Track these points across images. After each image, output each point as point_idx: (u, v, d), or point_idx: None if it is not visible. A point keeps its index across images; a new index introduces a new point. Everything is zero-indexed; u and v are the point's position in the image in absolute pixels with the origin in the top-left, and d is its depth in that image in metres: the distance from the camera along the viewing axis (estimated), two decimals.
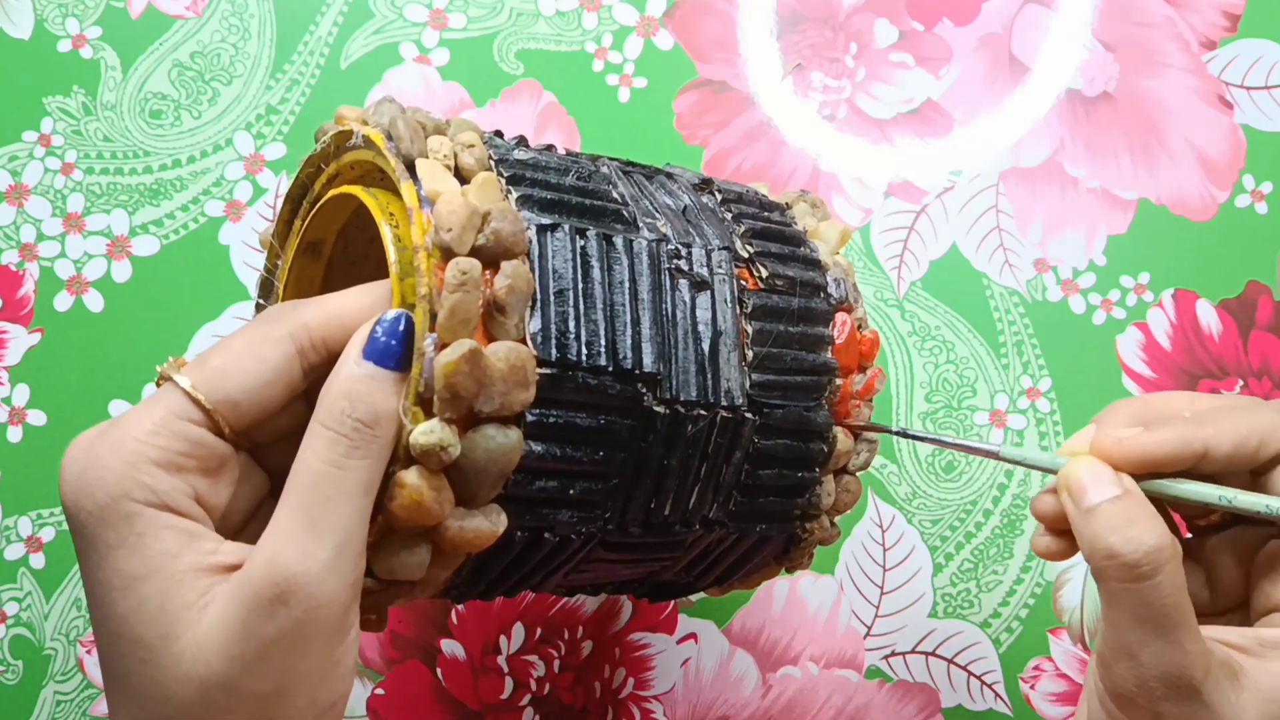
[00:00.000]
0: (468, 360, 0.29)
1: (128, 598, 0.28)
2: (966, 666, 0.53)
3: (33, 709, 0.52)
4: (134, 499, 0.29)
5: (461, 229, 0.30)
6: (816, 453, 0.38)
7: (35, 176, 0.55)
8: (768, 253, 0.38)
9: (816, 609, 0.53)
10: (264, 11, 0.57)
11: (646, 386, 0.33)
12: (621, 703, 0.52)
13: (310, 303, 0.32)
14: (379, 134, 0.33)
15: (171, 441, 0.29)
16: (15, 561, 0.53)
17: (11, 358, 0.54)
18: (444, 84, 0.57)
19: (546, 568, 0.35)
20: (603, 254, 0.33)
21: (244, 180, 0.55)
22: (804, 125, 0.57)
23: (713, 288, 0.36)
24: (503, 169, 0.34)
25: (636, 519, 0.35)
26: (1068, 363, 0.55)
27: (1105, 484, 0.33)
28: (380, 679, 0.52)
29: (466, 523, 0.31)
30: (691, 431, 0.34)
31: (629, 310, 0.33)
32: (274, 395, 0.31)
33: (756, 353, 0.36)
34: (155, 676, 0.28)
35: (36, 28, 0.56)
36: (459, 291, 0.30)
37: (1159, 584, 0.31)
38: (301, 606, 0.28)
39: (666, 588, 0.41)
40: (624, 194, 0.36)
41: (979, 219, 0.56)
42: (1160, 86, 0.57)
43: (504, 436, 0.30)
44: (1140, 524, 0.32)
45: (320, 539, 0.28)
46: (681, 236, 0.36)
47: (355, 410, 0.29)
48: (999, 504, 0.54)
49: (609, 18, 0.57)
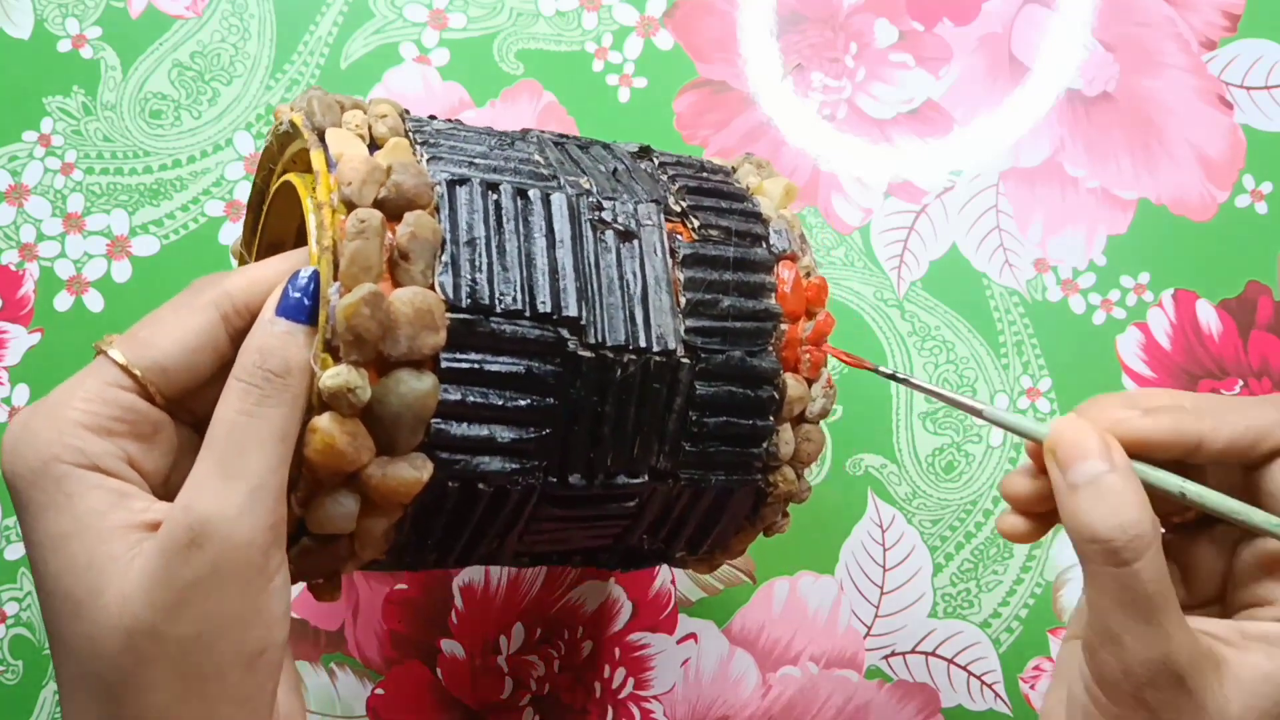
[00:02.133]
0: (367, 302, 0.30)
1: (58, 556, 0.29)
2: (966, 666, 0.53)
3: (33, 709, 0.52)
4: (64, 461, 0.29)
5: (362, 182, 0.31)
6: (766, 400, 0.37)
7: (35, 176, 0.55)
8: (702, 206, 0.38)
9: (816, 609, 0.53)
10: (264, 11, 0.57)
11: (570, 331, 0.33)
12: (621, 703, 0.52)
13: (234, 272, 0.34)
14: (299, 116, 0.34)
15: (102, 407, 0.31)
16: (15, 561, 0.53)
17: (11, 358, 0.54)
18: (444, 84, 0.57)
19: (492, 526, 0.35)
20: (517, 206, 0.34)
21: (244, 180, 0.55)
22: (804, 125, 0.57)
23: (640, 238, 0.36)
24: (417, 137, 0.35)
25: (577, 468, 0.35)
26: (1068, 363, 0.55)
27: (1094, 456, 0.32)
28: (380, 679, 0.52)
29: (390, 470, 0.31)
30: (621, 376, 0.34)
31: (546, 257, 0.34)
32: (201, 361, 0.32)
33: (690, 299, 0.36)
34: (85, 631, 0.29)
35: (36, 28, 0.56)
36: (358, 239, 0.31)
37: (1142, 568, 0.31)
38: (216, 548, 0.29)
39: (637, 554, 0.40)
40: (549, 158, 0.37)
41: (979, 219, 0.56)
42: (1160, 86, 0.57)
43: (418, 381, 0.31)
44: (1126, 506, 0.31)
45: (233, 483, 0.29)
46: (606, 192, 0.36)
47: (267, 362, 0.30)
48: (999, 504, 0.54)
49: (609, 18, 0.57)
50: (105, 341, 0.32)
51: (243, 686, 0.30)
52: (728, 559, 0.42)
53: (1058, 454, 0.33)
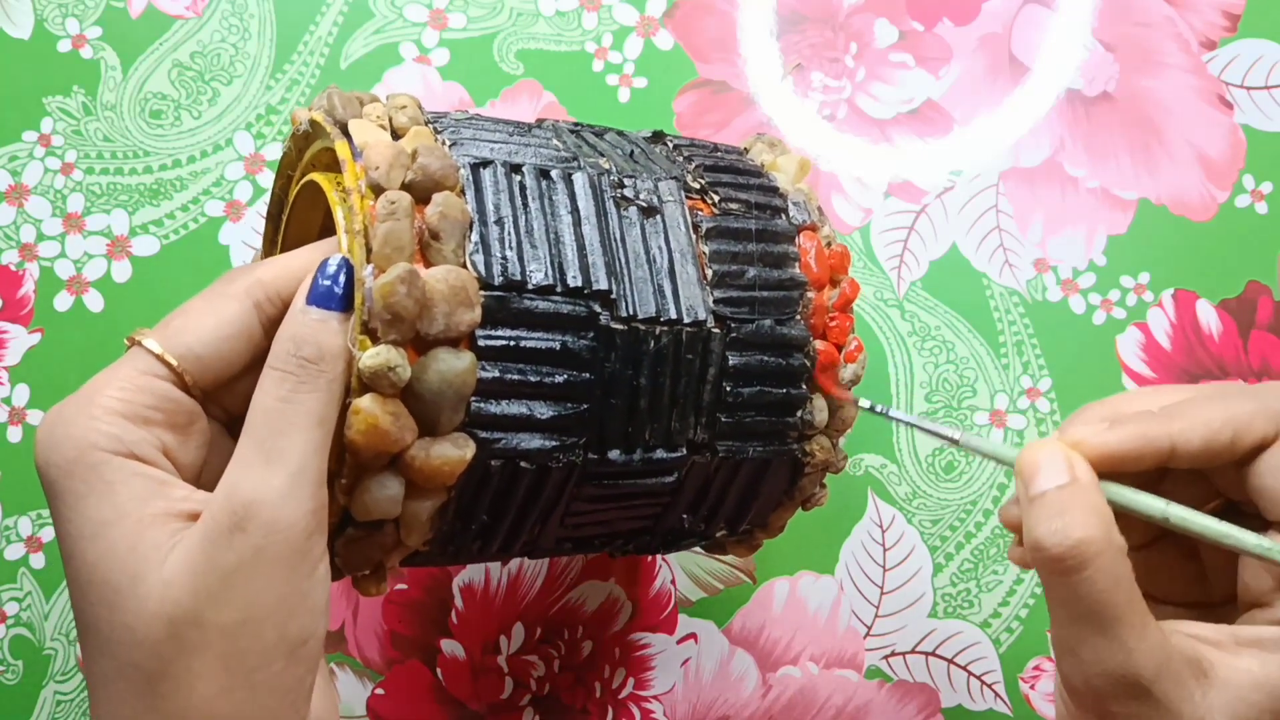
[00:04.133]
0: (403, 281, 0.30)
1: (97, 544, 0.29)
2: (966, 666, 0.53)
3: (33, 709, 0.52)
4: (101, 448, 0.29)
5: (389, 166, 0.32)
6: (799, 367, 0.38)
7: (35, 176, 0.55)
8: (721, 183, 0.38)
9: (816, 609, 0.53)
10: (264, 11, 0.57)
11: (601, 305, 0.34)
12: (621, 703, 0.52)
13: (265, 261, 0.33)
14: (319, 114, 0.35)
15: (137, 395, 0.30)
16: (15, 561, 0.53)
17: (11, 358, 0.54)
18: (444, 84, 0.57)
19: (535, 507, 0.35)
20: (540, 186, 0.34)
21: (244, 180, 0.55)
22: (804, 125, 0.57)
23: (662, 213, 0.36)
24: (438, 125, 0.35)
25: (616, 443, 0.35)
26: (1068, 363, 0.55)
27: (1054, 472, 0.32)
28: (380, 679, 0.52)
29: (434, 450, 0.31)
30: (654, 348, 0.35)
31: (572, 233, 0.34)
32: (236, 349, 0.32)
33: (716, 271, 0.36)
34: (124, 620, 0.28)
35: (36, 28, 0.56)
36: (389, 220, 0.31)
37: (1087, 579, 0.30)
38: (260, 532, 0.28)
39: (677, 533, 0.40)
40: (567, 143, 0.37)
41: (979, 219, 0.56)
42: (1160, 86, 0.57)
43: (455, 359, 0.31)
44: (1070, 515, 0.30)
45: (273, 467, 0.29)
46: (626, 171, 0.36)
47: (301, 349, 0.30)
48: (999, 504, 0.54)
49: (609, 18, 0.57)
50: (139, 333, 0.32)
51: (284, 676, 0.30)
52: (768, 537, 0.42)
53: (1021, 475, 0.32)
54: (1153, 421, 0.32)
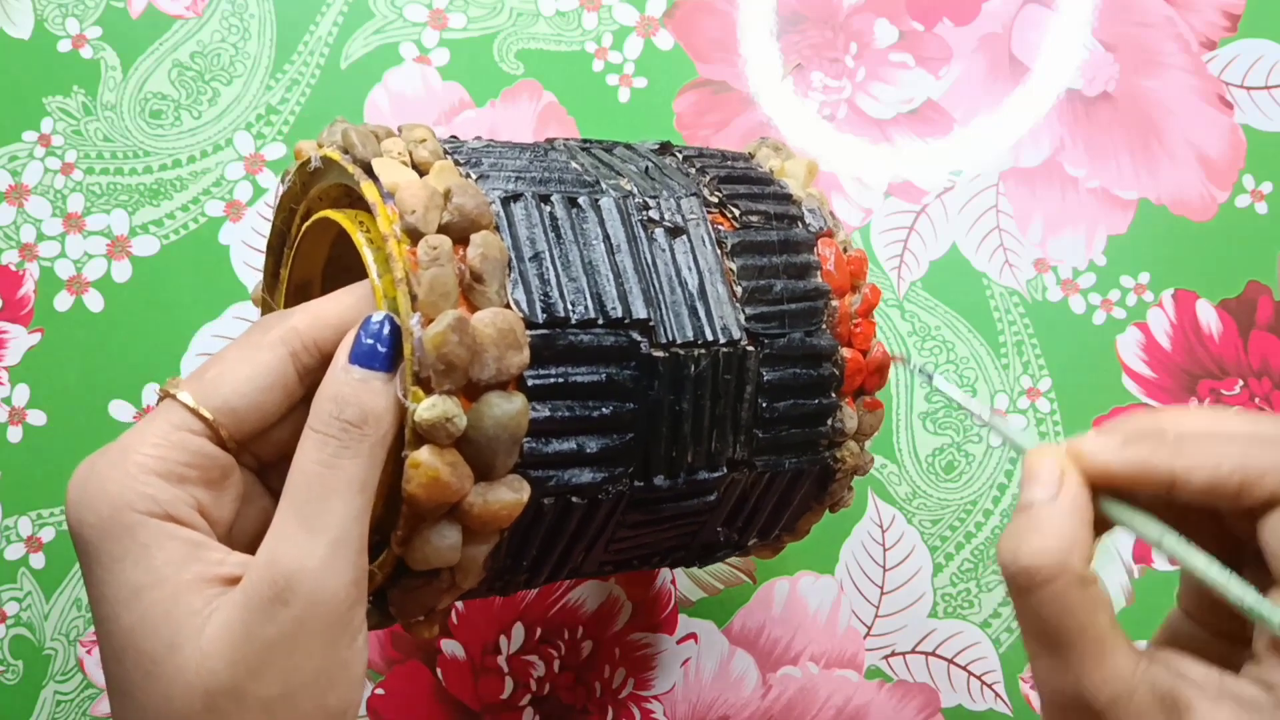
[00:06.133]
0: (454, 329, 0.30)
1: (132, 610, 0.28)
2: (966, 666, 0.53)
3: (33, 709, 0.52)
4: (137, 509, 0.28)
5: (425, 209, 0.31)
6: (829, 377, 0.38)
7: (35, 176, 0.55)
8: (737, 195, 0.38)
9: (816, 609, 0.53)
10: (264, 11, 0.57)
11: (640, 333, 0.34)
12: (621, 703, 0.52)
13: (299, 309, 0.33)
14: (335, 151, 0.34)
15: (172, 452, 0.30)
16: (15, 561, 0.53)
17: (11, 358, 0.54)
18: (444, 84, 0.57)
19: (584, 537, 0.35)
20: (570, 216, 0.34)
21: (244, 180, 0.55)
22: (804, 125, 0.57)
23: (688, 232, 0.36)
24: (458, 157, 0.35)
25: (660, 469, 0.35)
26: (1068, 363, 0.55)
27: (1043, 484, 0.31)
28: (380, 679, 0.52)
29: (490, 495, 0.31)
30: (695, 372, 0.35)
31: (607, 263, 0.34)
32: (271, 400, 0.31)
33: (745, 287, 0.36)
34: (160, 689, 0.28)
35: (36, 28, 0.56)
36: (433, 266, 0.30)
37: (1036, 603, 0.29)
38: (301, 604, 0.28)
39: (713, 547, 0.40)
40: (583, 164, 0.37)
41: (979, 219, 0.56)
42: (1160, 86, 0.57)
43: (509, 402, 0.31)
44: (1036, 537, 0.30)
45: (314, 536, 0.29)
46: (648, 191, 0.36)
47: (343, 412, 0.30)
48: (999, 504, 0.54)
49: (609, 18, 0.57)
50: (171, 384, 0.31)
51: None
52: (794, 540, 0.43)
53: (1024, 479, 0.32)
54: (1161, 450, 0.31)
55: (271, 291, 0.40)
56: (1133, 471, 0.31)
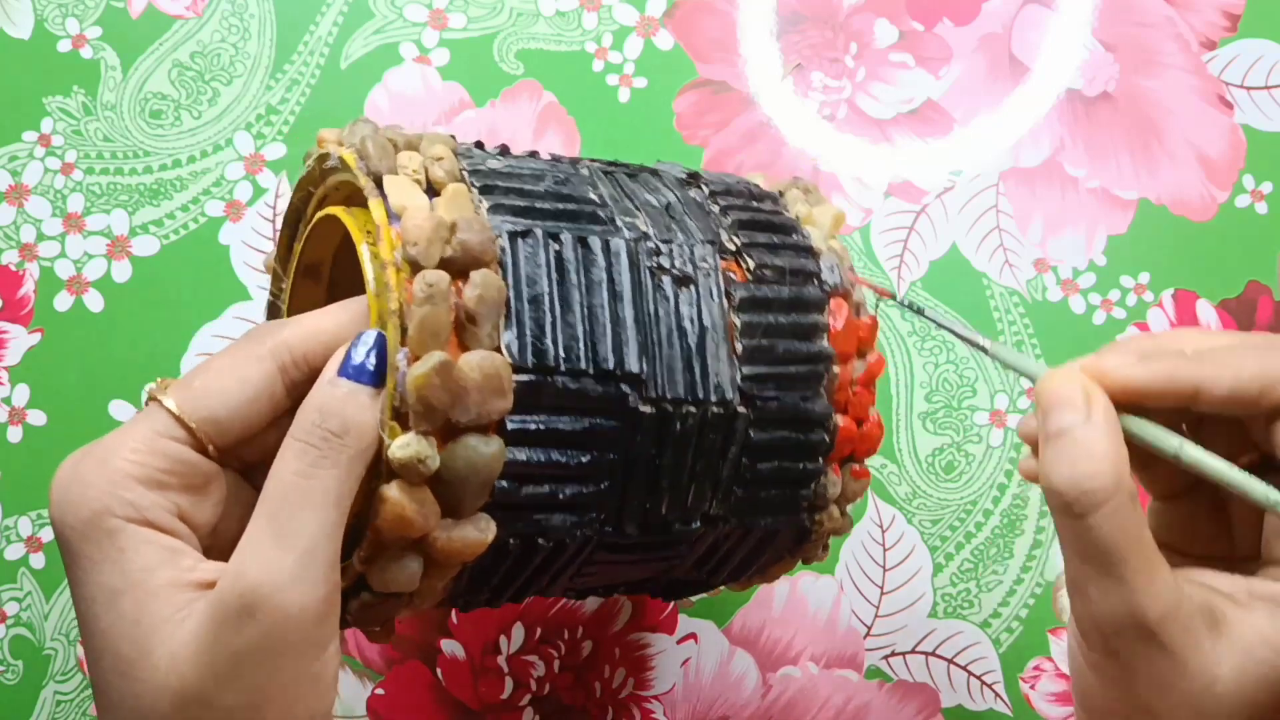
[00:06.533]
0: (438, 373, 0.30)
1: (109, 612, 0.29)
2: (966, 666, 0.53)
3: (33, 709, 0.52)
4: (116, 515, 0.29)
5: (428, 242, 0.31)
6: (818, 443, 0.37)
7: (35, 176, 0.55)
8: (755, 243, 0.37)
9: (816, 609, 0.53)
10: (264, 11, 0.57)
11: (630, 386, 0.33)
12: (621, 703, 0.52)
13: (290, 321, 0.33)
14: (351, 154, 0.34)
15: (155, 459, 0.30)
16: (15, 561, 0.53)
17: (11, 358, 0.54)
18: (444, 84, 0.57)
19: (547, 572, 0.35)
20: (578, 257, 0.33)
21: (244, 180, 0.55)
22: (804, 125, 0.57)
23: (696, 283, 0.35)
24: (474, 179, 0.34)
25: (633, 519, 0.35)
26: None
27: (1073, 407, 0.31)
28: (380, 679, 0.52)
29: (455, 533, 0.31)
30: (680, 429, 0.34)
31: (608, 311, 0.33)
32: (257, 412, 0.31)
33: (746, 345, 0.35)
34: (133, 690, 0.28)
35: (36, 28, 0.56)
36: (426, 305, 0.30)
37: (1095, 523, 0.30)
38: (268, 619, 0.28)
39: (681, 585, 0.41)
40: (603, 194, 0.36)
41: (979, 219, 0.56)
42: (1160, 86, 0.57)
43: (485, 445, 0.31)
44: (1086, 461, 0.30)
45: (285, 551, 0.29)
46: (663, 234, 0.35)
47: (326, 422, 0.30)
48: (999, 504, 0.54)
49: (609, 18, 0.57)
50: (159, 387, 0.31)
51: None
52: (764, 582, 0.43)
53: (1040, 402, 0.32)
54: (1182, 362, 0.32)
55: (284, 264, 0.40)
56: (1159, 384, 0.32)
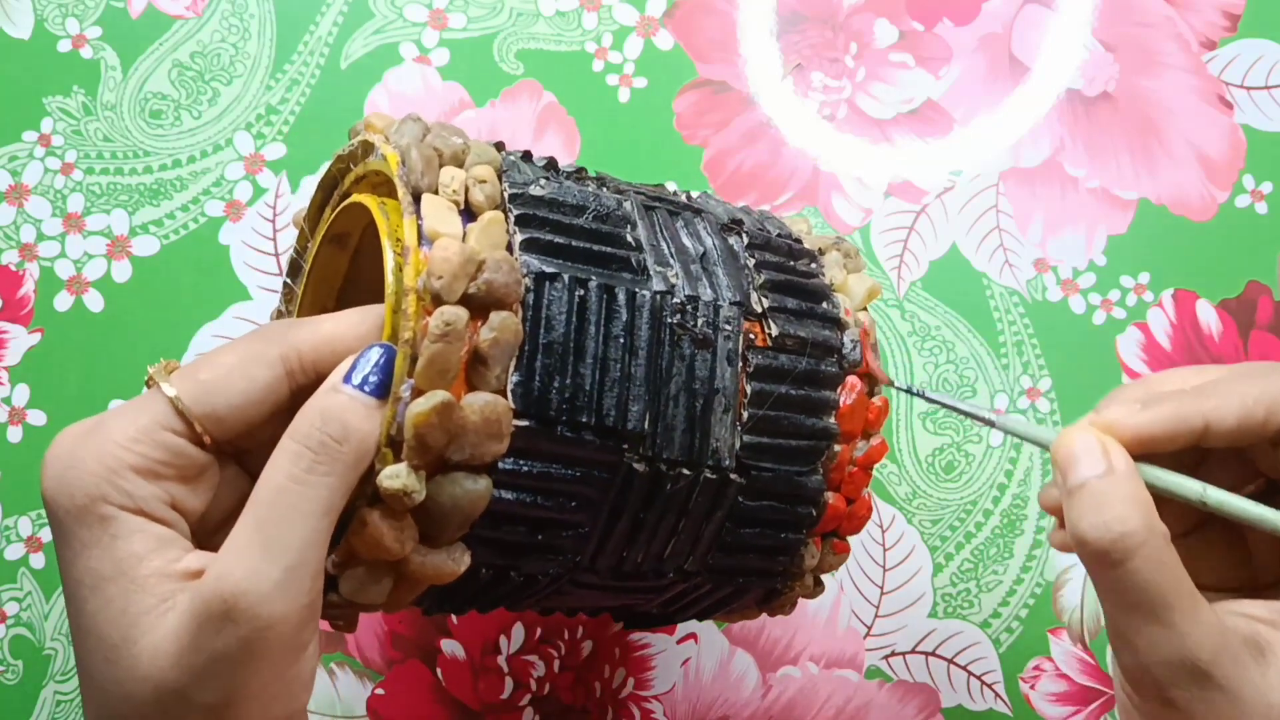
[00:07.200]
0: (438, 413, 0.29)
1: (96, 597, 0.29)
2: (966, 666, 0.53)
3: (33, 709, 0.52)
4: (111, 502, 0.29)
5: (453, 277, 0.30)
6: (804, 516, 0.37)
7: (35, 176, 0.55)
8: (783, 308, 0.37)
9: (816, 609, 0.53)
10: (264, 11, 0.57)
11: (629, 444, 0.33)
12: (621, 703, 0.52)
13: (304, 324, 0.33)
14: (395, 157, 0.33)
15: (152, 449, 0.30)
16: (15, 561, 0.53)
17: (11, 358, 0.54)
18: (444, 84, 0.57)
19: (515, 599, 0.36)
20: (602, 306, 0.33)
21: (244, 180, 0.55)
22: (804, 125, 0.57)
23: (715, 345, 0.35)
24: (514, 205, 0.33)
25: (607, 563, 0.35)
26: (1068, 363, 0.55)
27: (1091, 460, 0.31)
28: (380, 679, 0.52)
29: (429, 559, 0.31)
30: (671, 489, 0.34)
31: (621, 366, 0.33)
32: (259, 413, 0.32)
33: (752, 414, 0.35)
34: (116, 676, 0.29)
35: (36, 28, 0.56)
36: (440, 342, 0.30)
37: (1133, 569, 0.30)
38: (248, 626, 0.28)
39: (644, 618, 0.41)
40: (640, 238, 0.35)
41: (979, 219, 0.56)
42: (1160, 86, 0.57)
43: (472, 483, 0.30)
44: (1112, 508, 0.30)
45: (271, 558, 0.28)
46: (690, 289, 0.35)
47: (327, 427, 0.29)
48: (999, 504, 0.54)
49: (609, 18, 0.57)
50: (160, 371, 0.31)
51: None
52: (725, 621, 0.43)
53: (1057, 462, 0.32)
54: (1185, 400, 0.32)
55: (312, 225, 0.40)
56: (1168, 427, 0.32)
